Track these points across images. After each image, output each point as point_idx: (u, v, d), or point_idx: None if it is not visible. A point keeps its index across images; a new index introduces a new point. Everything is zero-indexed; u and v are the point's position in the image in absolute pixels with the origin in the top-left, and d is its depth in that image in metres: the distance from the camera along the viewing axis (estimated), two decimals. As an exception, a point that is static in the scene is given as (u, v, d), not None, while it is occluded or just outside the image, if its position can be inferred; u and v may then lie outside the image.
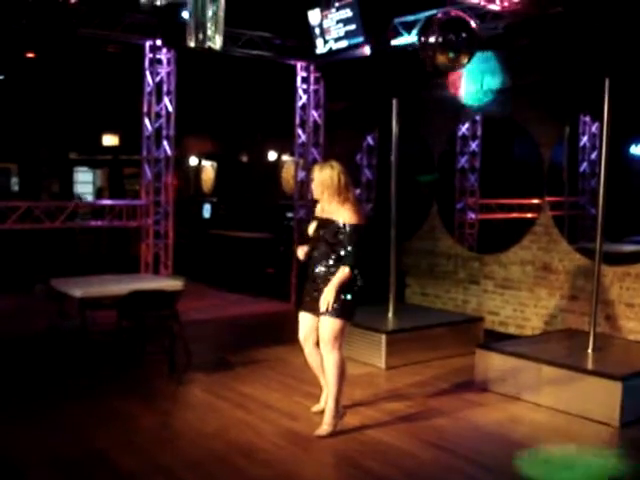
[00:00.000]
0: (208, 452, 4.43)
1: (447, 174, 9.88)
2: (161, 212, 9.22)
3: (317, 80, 9.82)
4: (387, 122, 7.33)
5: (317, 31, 8.19)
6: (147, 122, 9.05)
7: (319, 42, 8.22)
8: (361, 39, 7.77)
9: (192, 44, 5.03)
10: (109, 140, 16.96)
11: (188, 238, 13.12)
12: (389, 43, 7.99)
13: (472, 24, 6.41)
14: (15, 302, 8.85)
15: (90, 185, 18.63)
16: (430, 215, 9.20)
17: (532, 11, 6.59)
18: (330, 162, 4.86)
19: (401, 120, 7.16)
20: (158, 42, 8.58)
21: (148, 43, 8.81)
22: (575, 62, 6.98)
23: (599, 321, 6.52)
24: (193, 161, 17.48)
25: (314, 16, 8.15)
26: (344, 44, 7.94)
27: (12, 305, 8.80)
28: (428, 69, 6.60)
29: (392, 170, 7.23)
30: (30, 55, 11.44)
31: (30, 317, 7.90)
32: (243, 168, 16.19)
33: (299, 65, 9.71)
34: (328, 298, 4.62)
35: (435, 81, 8.49)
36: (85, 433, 4.73)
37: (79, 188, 18.05)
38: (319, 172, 4.78)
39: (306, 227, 5.07)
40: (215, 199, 16.46)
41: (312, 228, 4.87)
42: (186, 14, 5.22)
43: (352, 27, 7.77)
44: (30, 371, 6.17)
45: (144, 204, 9.17)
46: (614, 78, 5.69)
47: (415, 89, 8.49)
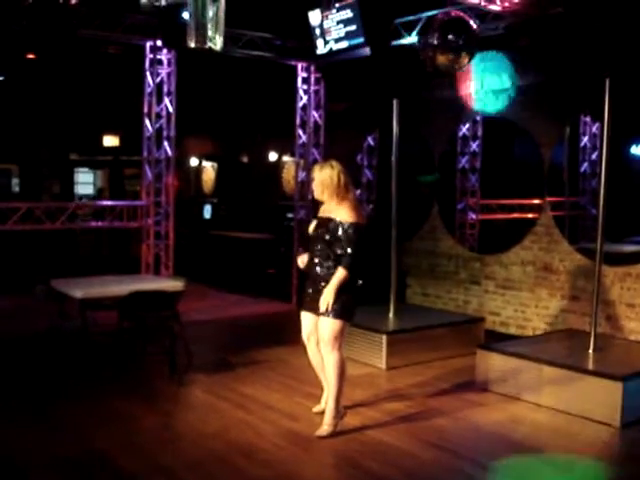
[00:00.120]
0: (209, 452, 4.43)
1: (448, 174, 9.89)
2: (162, 213, 9.22)
3: (318, 81, 9.82)
4: (388, 122, 7.34)
5: (317, 32, 8.18)
6: (148, 123, 9.06)
7: (319, 43, 8.21)
8: (361, 40, 7.76)
9: (192, 45, 5.04)
10: (110, 141, 16.94)
11: (189, 239, 13.10)
12: (389, 44, 8.00)
13: (472, 25, 6.41)
14: (16, 303, 8.86)
15: (91, 186, 18.62)
16: (431, 215, 9.20)
17: (532, 11, 6.58)
18: (330, 162, 4.86)
19: (402, 120, 7.16)
20: (158, 43, 8.58)
21: (148, 44, 8.82)
22: (575, 62, 6.99)
23: (600, 321, 6.53)
24: (194, 162, 17.48)
25: (314, 17, 8.15)
26: (345, 45, 7.94)
27: (13, 305, 8.81)
28: (428, 70, 6.60)
29: (393, 170, 7.23)
30: (31, 56, 11.43)
31: (31, 318, 7.91)
32: (244, 169, 16.20)
33: (300, 66, 9.71)
34: (327, 299, 4.62)
35: (436, 81, 8.50)
36: (86, 433, 4.73)
37: (80, 189, 18.04)
38: (319, 172, 4.79)
39: (307, 227, 5.07)
40: (216, 200, 16.45)
41: (312, 227, 4.88)
42: (186, 15, 5.24)
43: (353, 28, 7.76)
44: (31, 372, 6.17)
45: (145, 205, 9.18)
46: (614, 78, 5.68)
47: (416, 90, 8.50)
